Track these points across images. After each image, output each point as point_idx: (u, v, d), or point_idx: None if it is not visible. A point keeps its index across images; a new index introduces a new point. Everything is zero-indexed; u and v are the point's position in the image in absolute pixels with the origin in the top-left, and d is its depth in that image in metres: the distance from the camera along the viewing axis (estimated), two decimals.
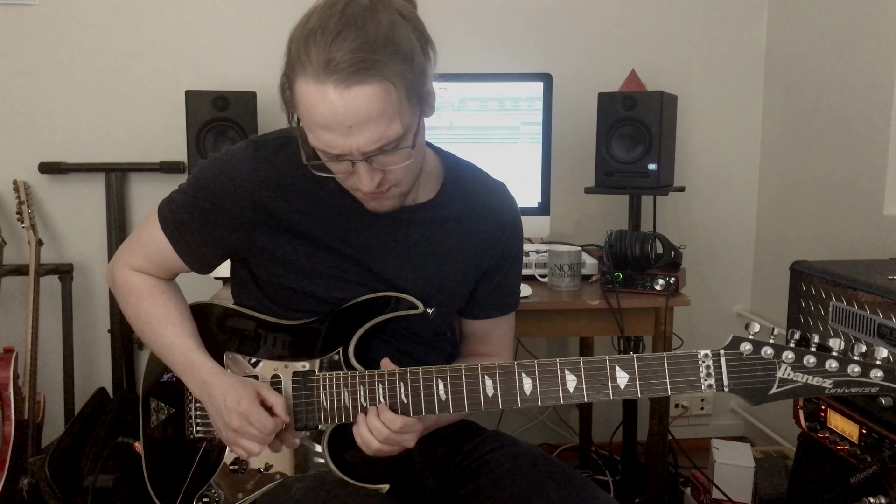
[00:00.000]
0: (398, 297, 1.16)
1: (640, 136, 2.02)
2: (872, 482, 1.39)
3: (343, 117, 0.94)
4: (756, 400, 0.98)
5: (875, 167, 1.97)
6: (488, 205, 1.23)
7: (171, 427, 1.22)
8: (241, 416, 1.07)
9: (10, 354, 2.09)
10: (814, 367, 0.96)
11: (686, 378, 0.99)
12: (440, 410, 1.07)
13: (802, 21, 2.30)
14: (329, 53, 0.92)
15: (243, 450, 1.10)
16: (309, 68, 0.94)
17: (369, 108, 0.94)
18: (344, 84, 0.93)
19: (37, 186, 2.31)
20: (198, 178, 1.15)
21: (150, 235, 1.19)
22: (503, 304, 1.29)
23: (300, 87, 0.96)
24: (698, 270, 2.54)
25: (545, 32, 2.42)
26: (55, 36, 2.27)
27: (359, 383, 1.10)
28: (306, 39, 0.94)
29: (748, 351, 0.98)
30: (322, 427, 1.13)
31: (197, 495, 1.17)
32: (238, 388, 1.10)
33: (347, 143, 0.96)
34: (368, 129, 0.96)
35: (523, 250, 1.35)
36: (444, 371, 1.07)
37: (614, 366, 1.02)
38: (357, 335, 1.14)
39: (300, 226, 1.13)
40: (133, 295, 1.22)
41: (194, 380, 1.15)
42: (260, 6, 2.32)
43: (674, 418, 2.59)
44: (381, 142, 0.97)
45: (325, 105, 0.94)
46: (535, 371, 1.04)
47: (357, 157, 0.99)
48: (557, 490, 1.10)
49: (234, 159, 1.12)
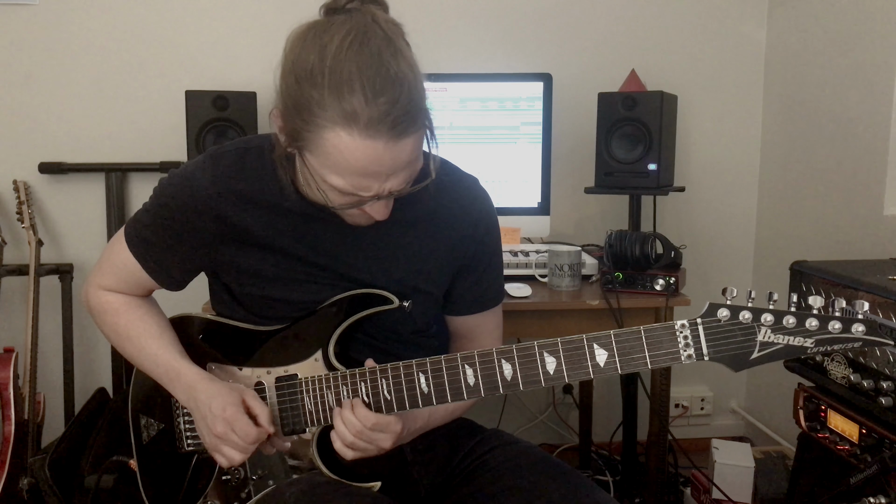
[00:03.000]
0: (373, 294, 1.15)
1: (640, 136, 2.02)
2: (872, 482, 1.39)
3: (388, 167, 0.97)
4: (738, 366, 0.95)
5: (875, 167, 1.97)
6: (459, 201, 1.22)
7: (162, 442, 1.23)
8: (225, 423, 1.07)
9: (10, 354, 2.09)
10: (794, 328, 0.94)
11: (665, 350, 0.97)
12: (423, 403, 1.07)
13: (802, 21, 2.30)
14: (378, 107, 0.92)
15: (224, 457, 1.10)
16: (354, 121, 0.92)
17: (411, 156, 0.98)
18: (395, 139, 0.94)
19: (37, 186, 2.31)
20: (159, 195, 1.15)
21: (118, 256, 1.20)
22: (484, 299, 1.28)
23: (336, 136, 0.94)
24: (698, 270, 2.54)
25: (545, 32, 2.42)
26: (55, 36, 2.27)
27: (341, 383, 1.10)
28: (340, 90, 0.92)
29: (726, 317, 0.96)
30: (309, 430, 1.13)
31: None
32: (224, 394, 1.10)
33: (383, 186, 0.99)
34: (405, 172, 1.00)
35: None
36: (423, 364, 1.07)
37: (592, 344, 1.00)
38: (335, 335, 1.14)
39: (264, 237, 1.13)
40: (109, 314, 1.22)
41: (180, 387, 1.14)
42: (260, 6, 2.32)
43: (674, 418, 2.59)
44: (410, 180, 1.02)
45: (372, 157, 0.95)
46: (514, 356, 1.03)
47: (384, 196, 1.01)
48: (557, 489, 1.10)
49: (194, 175, 1.12)
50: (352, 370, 1.11)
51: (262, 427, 1.09)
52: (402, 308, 1.16)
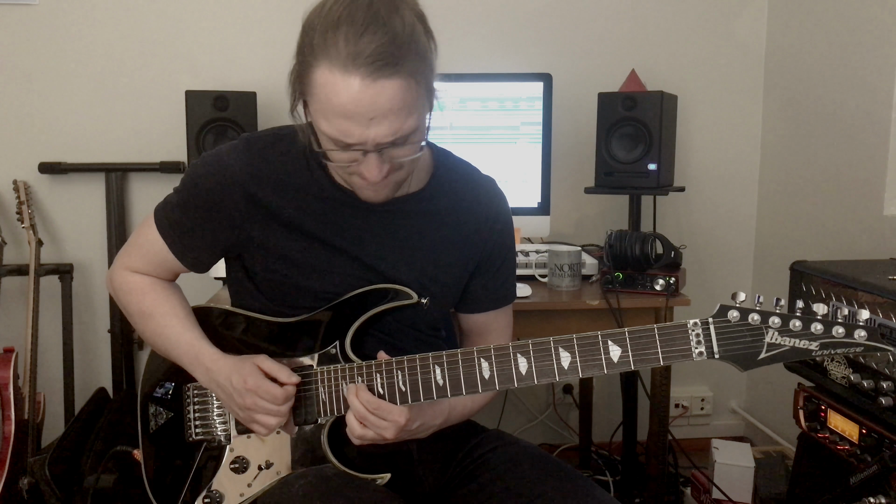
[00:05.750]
0: (393, 289, 1.16)
1: (640, 136, 2.02)
2: (872, 482, 1.39)
3: (366, 108, 0.96)
4: (746, 365, 0.99)
5: (875, 167, 1.97)
6: (477, 199, 1.25)
7: (170, 431, 1.23)
8: (250, 393, 1.09)
9: (10, 354, 2.09)
10: (800, 331, 0.98)
11: (677, 347, 1.01)
12: (438, 395, 1.08)
13: (802, 21, 2.30)
14: (358, 45, 0.94)
15: (262, 426, 1.12)
16: (335, 57, 0.95)
17: (392, 102, 0.97)
18: (371, 77, 0.95)
19: (37, 186, 2.31)
20: (191, 175, 1.17)
21: (146, 238, 1.21)
22: (499, 298, 1.30)
23: (321, 74, 0.97)
24: (698, 270, 2.54)
25: (545, 32, 2.42)
26: (55, 36, 2.27)
27: (356, 375, 1.11)
28: (333, 28, 0.96)
29: (736, 318, 1.00)
30: (322, 420, 1.14)
31: (198, 497, 1.18)
32: (240, 366, 1.12)
33: (365, 133, 0.98)
34: (388, 121, 0.98)
35: (516, 246, 1.36)
36: (440, 357, 1.09)
37: (607, 340, 1.03)
38: (353, 327, 1.15)
39: (293, 219, 1.15)
40: (135, 293, 1.23)
41: (200, 368, 1.16)
42: (260, 6, 2.32)
43: (674, 418, 2.58)
44: (396, 134, 1.00)
45: (349, 95, 0.96)
46: (529, 350, 1.06)
47: (370, 148, 1.00)
48: (557, 489, 1.11)
49: (227, 155, 1.14)
50: (367, 362, 1.12)
51: (286, 385, 1.10)
52: (420, 305, 1.17)
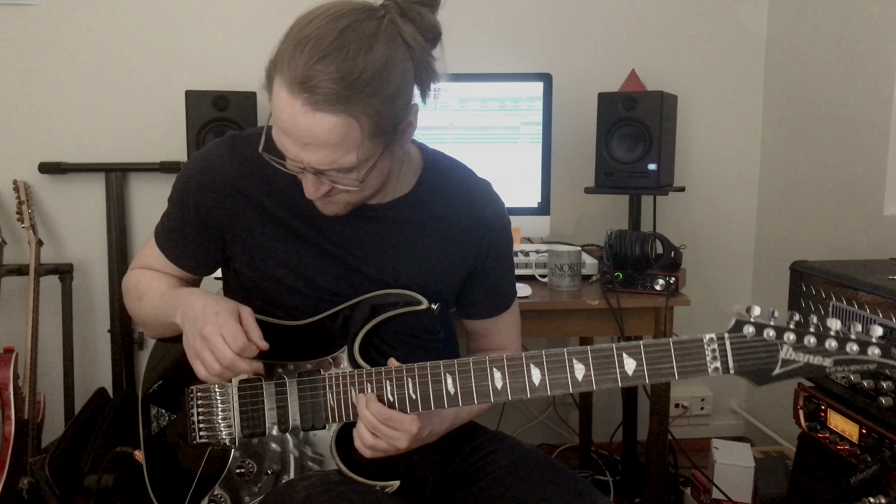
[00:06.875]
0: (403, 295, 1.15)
1: (640, 136, 2.02)
2: (872, 482, 1.39)
3: (302, 133, 0.97)
4: (760, 381, 0.99)
5: (875, 167, 1.97)
6: (469, 203, 1.22)
7: (172, 433, 1.21)
8: (215, 325, 1.03)
9: (10, 354, 2.08)
10: (814, 347, 0.98)
11: (693, 362, 1.00)
12: (449, 404, 1.07)
13: (803, 21, 2.30)
14: (311, 70, 0.94)
15: (203, 365, 1.04)
16: (287, 74, 0.96)
17: (328, 136, 0.97)
18: (311, 107, 0.95)
19: (37, 186, 2.31)
20: (180, 177, 1.19)
21: (149, 254, 1.25)
22: (500, 303, 1.30)
23: (277, 84, 0.98)
24: (698, 270, 2.54)
25: (545, 32, 2.42)
26: (55, 36, 2.27)
27: (366, 381, 1.10)
28: (301, 44, 0.95)
29: (751, 333, 1.00)
30: (329, 427, 1.13)
31: (202, 501, 1.16)
32: (221, 302, 1.07)
33: (300, 154, 1.00)
34: (323, 151, 0.98)
35: (516, 246, 1.35)
36: (451, 365, 1.07)
37: (622, 353, 1.02)
38: (362, 333, 1.14)
39: (279, 215, 1.15)
40: (143, 282, 1.25)
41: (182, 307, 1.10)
42: (260, 6, 2.32)
43: (674, 418, 2.58)
44: (332, 165, 1.00)
45: (290, 115, 0.97)
46: (543, 361, 1.05)
47: (306, 168, 1.01)
48: (558, 493, 1.10)
49: (213, 153, 1.17)
50: (377, 368, 1.11)
51: (252, 341, 1.04)
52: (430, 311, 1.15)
